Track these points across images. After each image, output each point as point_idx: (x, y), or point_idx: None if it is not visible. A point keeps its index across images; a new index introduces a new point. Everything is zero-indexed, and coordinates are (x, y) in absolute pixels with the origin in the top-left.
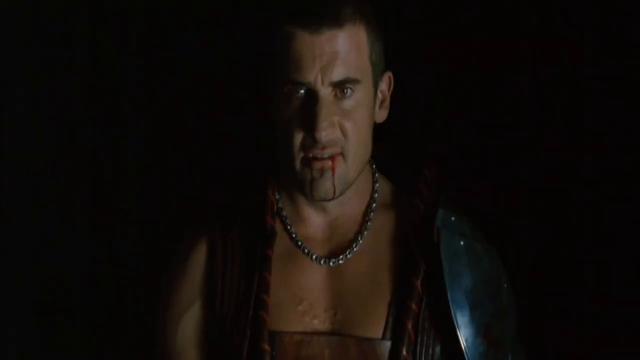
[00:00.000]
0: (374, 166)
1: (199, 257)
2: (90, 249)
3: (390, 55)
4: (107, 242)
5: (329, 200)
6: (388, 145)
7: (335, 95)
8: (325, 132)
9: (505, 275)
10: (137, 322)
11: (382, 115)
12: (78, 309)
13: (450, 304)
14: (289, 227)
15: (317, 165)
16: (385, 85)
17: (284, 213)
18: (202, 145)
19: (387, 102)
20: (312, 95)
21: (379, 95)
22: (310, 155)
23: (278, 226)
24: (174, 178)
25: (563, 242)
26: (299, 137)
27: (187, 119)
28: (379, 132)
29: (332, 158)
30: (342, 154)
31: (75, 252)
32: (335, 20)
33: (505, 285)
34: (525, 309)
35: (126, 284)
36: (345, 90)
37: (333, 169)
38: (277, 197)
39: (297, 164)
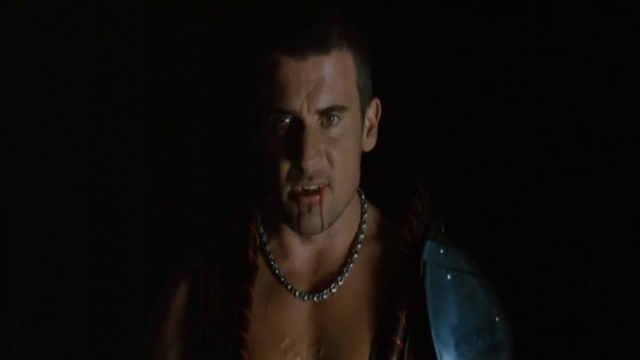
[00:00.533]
0: (363, 196)
1: (182, 293)
2: (90, 249)
3: (377, 81)
4: (107, 242)
5: (318, 233)
6: (378, 172)
7: (322, 123)
8: (312, 162)
9: (499, 308)
10: (137, 322)
11: (370, 144)
12: (79, 309)
13: (434, 340)
14: (272, 263)
15: (305, 201)
16: (372, 112)
17: (268, 247)
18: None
19: (375, 130)
20: (298, 124)
21: (367, 122)
22: (298, 188)
23: (261, 261)
24: (172, 186)
25: (566, 257)
26: (285, 168)
27: (183, 127)
28: (368, 160)
29: (319, 192)
30: (329, 185)
31: (75, 252)
32: (321, 46)
33: (497, 319)
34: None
35: (126, 284)
36: (332, 118)
37: (321, 202)
38: (261, 231)
39: (284, 198)
